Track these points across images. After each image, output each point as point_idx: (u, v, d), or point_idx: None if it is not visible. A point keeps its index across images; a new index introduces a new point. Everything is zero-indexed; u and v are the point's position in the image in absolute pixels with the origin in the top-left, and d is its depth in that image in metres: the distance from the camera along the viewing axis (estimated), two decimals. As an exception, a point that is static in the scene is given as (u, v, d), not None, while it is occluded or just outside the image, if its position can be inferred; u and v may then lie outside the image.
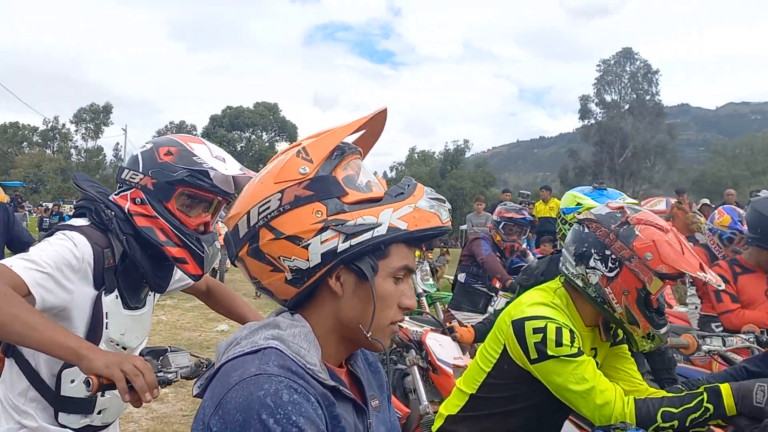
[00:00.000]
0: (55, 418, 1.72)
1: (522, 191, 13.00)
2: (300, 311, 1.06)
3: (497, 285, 5.31)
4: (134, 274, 1.82)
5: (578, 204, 2.87)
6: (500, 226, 5.31)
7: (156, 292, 1.96)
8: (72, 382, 1.70)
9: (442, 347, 3.24)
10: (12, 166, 57.46)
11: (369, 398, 1.13)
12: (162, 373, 1.58)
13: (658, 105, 40.65)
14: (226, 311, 2.31)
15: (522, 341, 1.85)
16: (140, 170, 1.79)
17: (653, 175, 38.76)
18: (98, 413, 1.81)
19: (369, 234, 0.98)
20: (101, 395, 1.75)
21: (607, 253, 1.84)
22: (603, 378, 1.81)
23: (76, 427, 1.77)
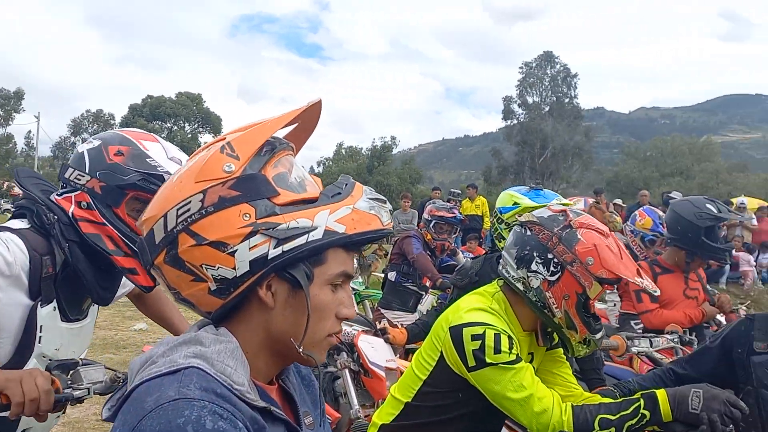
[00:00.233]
0: None
1: (453, 190, 13.17)
2: (225, 324, 0.95)
3: (428, 284, 5.29)
4: (76, 284, 1.64)
5: (515, 203, 2.86)
6: (431, 225, 5.28)
7: (99, 305, 1.77)
8: None
9: (374, 349, 3.15)
10: None
11: (302, 415, 1.04)
12: (71, 390, 1.42)
13: (576, 108, 42.33)
14: (155, 316, 2.15)
15: (460, 348, 1.80)
16: (86, 171, 1.61)
17: (571, 175, 40.38)
18: None
19: (303, 238, 0.89)
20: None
21: (550, 256, 1.81)
22: (541, 385, 1.79)
23: None
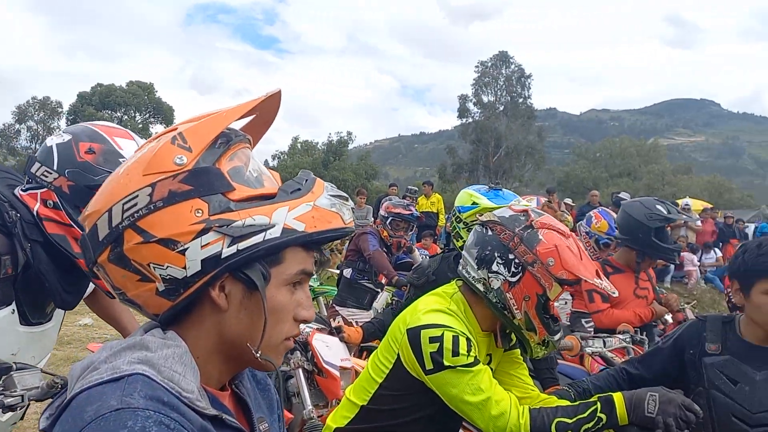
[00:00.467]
0: None
1: (409, 187, 13.18)
2: (174, 327, 0.89)
3: (383, 281, 5.25)
4: (39, 287, 1.53)
5: (474, 203, 2.84)
6: (387, 222, 5.24)
7: (62, 308, 1.66)
8: None
9: (329, 348, 3.10)
10: None
11: (257, 422, 0.98)
12: (2, 397, 1.32)
13: (530, 108, 43.00)
14: (104, 314, 2.05)
15: (417, 351, 1.76)
16: (54, 168, 1.51)
17: (524, 174, 41.04)
18: None
19: (260, 237, 0.84)
20: None
21: (511, 257, 1.79)
22: (498, 387, 1.77)
23: None
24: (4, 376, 1.37)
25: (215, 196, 0.84)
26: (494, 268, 1.81)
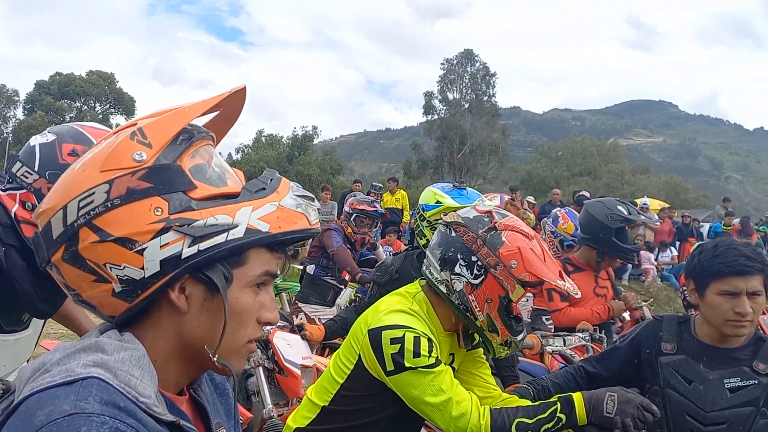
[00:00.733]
0: None
1: (374, 183, 13.15)
2: (131, 329, 0.86)
3: (347, 278, 5.23)
4: (11, 293, 1.45)
5: (438, 202, 2.84)
6: (352, 218, 5.21)
7: (35, 317, 1.58)
8: None
9: (290, 346, 3.07)
10: None
11: (215, 427, 0.96)
12: None
13: (494, 106, 43.38)
14: (59, 315, 1.96)
15: (378, 352, 1.75)
16: (35, 168, 1.44)
17: (487, 172, 41.41)
18: None
19: (222, 237, 0.82)
20: None
21: (474, 259, 1.79)
22: (460, 388, 1.77)
23: None
24: None
25: (176, 195, 0.81)
26: (457, 270, 1.81)
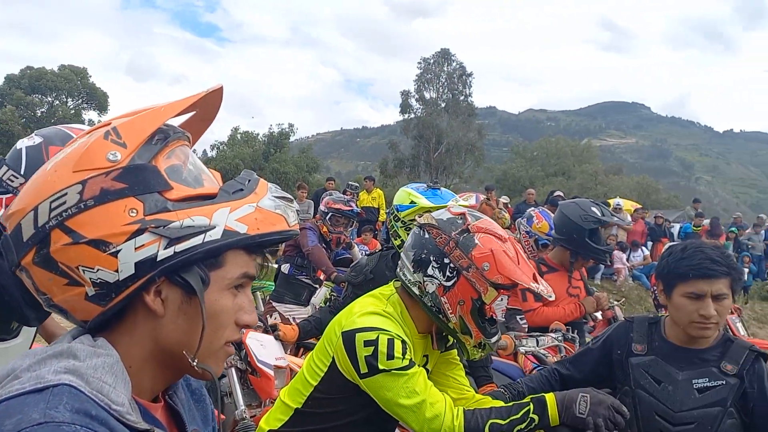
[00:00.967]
0: None
1: (350, 182, 13.09)
2: (104, 334, 0.83)
3: (322, 277, 5.20)
4: (1, 300, 1.42)
5: (412, 202, 2.84)
6: (327, 217, 5.18)
7: (24, 325, 1.55)
8: None
9: (263, 347, 3.03)
10: None
11: None
12: None
13: (471, 106, 43.55)
14: (46, 334, 1.91)
15: (352, 354, 1.75)
16: (21, 172, 1.41)
17: (463, 171, 41.59)
18: None
19: (199, 239, 0.81)
20: None
21: (446, 261, 1.79)
22: (434, 389, 1.77)
23: None
24: None
25: (151, 195, 0.80)
26: (429, 271, 1.81)
